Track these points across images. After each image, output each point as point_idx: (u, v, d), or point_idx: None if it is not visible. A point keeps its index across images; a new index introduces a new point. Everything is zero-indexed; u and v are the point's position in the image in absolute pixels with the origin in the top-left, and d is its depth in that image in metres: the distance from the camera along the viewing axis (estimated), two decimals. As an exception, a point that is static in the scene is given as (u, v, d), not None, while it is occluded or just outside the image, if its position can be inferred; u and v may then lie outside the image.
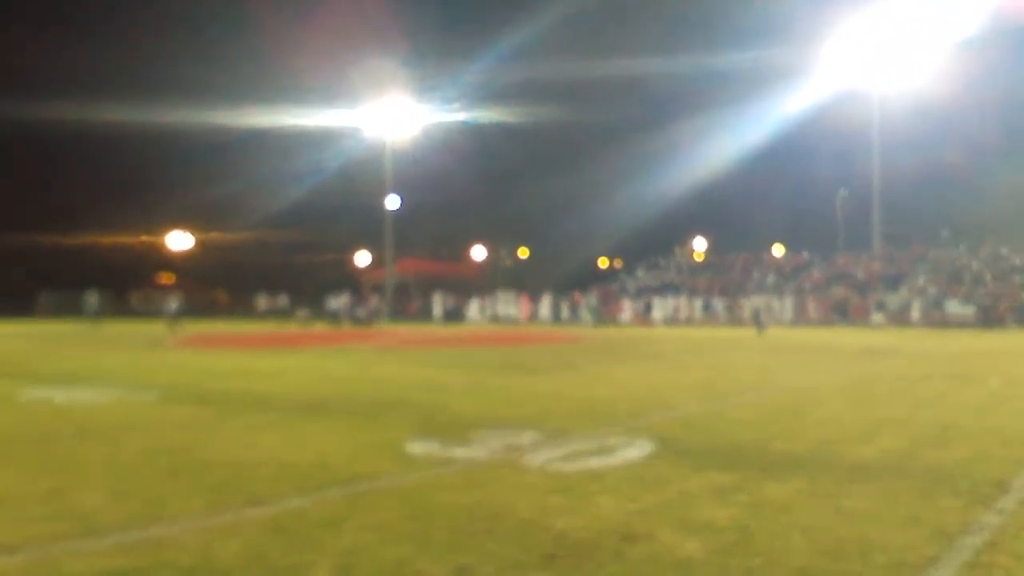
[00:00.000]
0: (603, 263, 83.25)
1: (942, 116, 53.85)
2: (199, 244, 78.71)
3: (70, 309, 50.31)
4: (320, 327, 39.46)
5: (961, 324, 37.17)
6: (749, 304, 40.51)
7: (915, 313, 39.31)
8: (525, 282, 47.73)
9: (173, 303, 36.97)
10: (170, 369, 15.70)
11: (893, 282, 45.91)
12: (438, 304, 46.18)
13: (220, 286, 40.37)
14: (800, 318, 42.07)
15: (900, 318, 39.76)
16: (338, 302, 43.77)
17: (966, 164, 57.37)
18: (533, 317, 46.33)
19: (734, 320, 42.28)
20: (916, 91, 48.71)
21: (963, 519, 4.69)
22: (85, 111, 58.46)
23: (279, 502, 5.12)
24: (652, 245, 64.38)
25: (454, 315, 47.59)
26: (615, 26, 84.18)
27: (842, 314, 41.21)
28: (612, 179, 74.67)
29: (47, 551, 4.16)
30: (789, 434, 7.65)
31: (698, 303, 44.88)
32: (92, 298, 41.00)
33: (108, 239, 74.36)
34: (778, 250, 61.70)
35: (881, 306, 41.60)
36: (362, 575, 3.80)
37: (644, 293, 49.62)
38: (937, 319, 38.81)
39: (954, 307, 39.14)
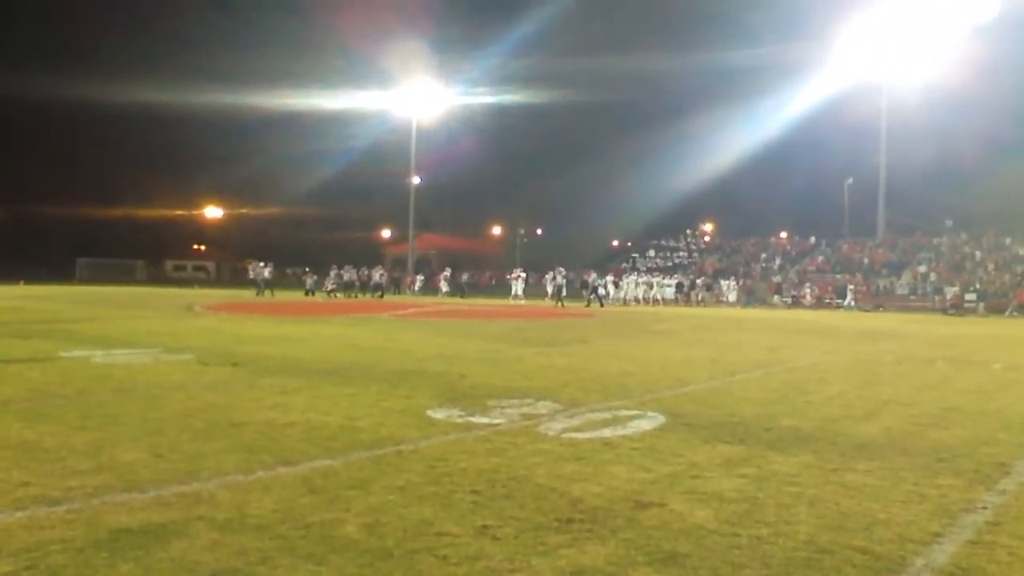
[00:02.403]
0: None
1: (950, 106, 53.07)
2: (231, 218, 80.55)
3: (107, 275, 51.39)
4: (342, 297, 40.08)
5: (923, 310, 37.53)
6: (590, 279, 40.18)
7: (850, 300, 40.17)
8: (541, 260, 47.64)
9: (264, 270, 40.78)
10: (203, 333, 16.04)
11: (896, 268, 46.01)
12: (518, 282, 45.57)
13: (250, 258, 41.51)
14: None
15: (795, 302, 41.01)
16: (349, 274, 44.30)
17: (973, 154, 56.77)
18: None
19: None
20: (925, 82, 48.26)
21: (965, 498, 4.82)
22: (127, 91, 60.60)
23: (309, 462, 5.34)
24: (663, 228, 64.59)
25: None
26: (633, 19, 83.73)
27: (842, 297, 41.32)
28: (628, 164, 74.75)
29: (88, 503, 4.34)
30: (795, 411, 7.83)
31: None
32: (258, 267, 42.63)
33: (146, 211, 76.75)
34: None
35: (780, 290, 42.40)
36: (388, 533, 3.97)
37: (653, 273, 49.83)
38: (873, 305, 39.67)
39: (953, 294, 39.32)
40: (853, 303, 39.47)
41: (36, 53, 78.77)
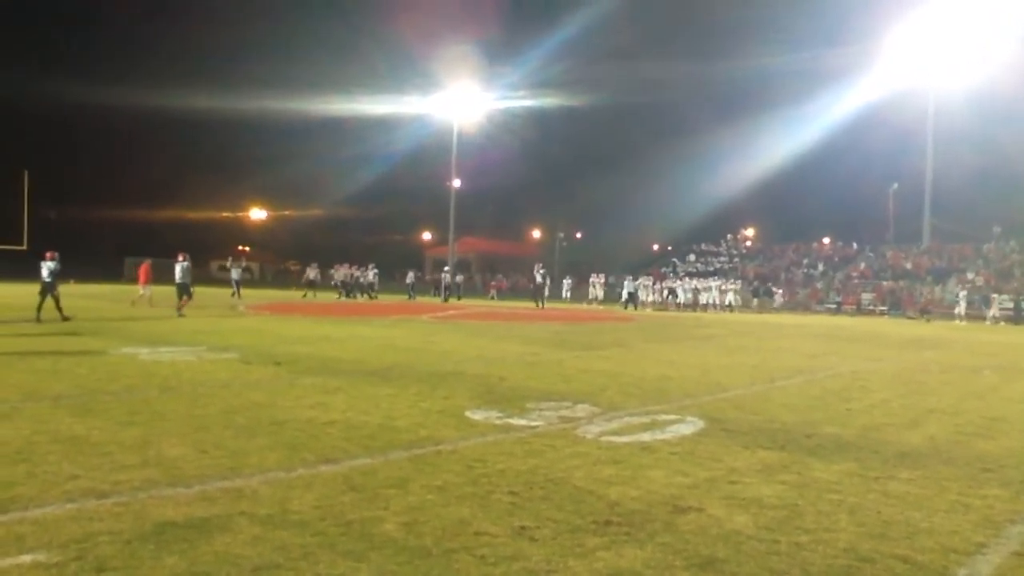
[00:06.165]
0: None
1: (998, 111, 51.81)
2: (275, 220, 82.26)
3: (154, 274, 52.38)
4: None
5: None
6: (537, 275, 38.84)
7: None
8: (581, 263, 47.20)
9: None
10: (246, 333, 16.28)
11: (942, 276, 45.18)
12: (572, 286, 44.63)
13: (292, 258, 41.61)
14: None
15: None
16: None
17: (1022, 160, 55.29)
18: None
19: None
20: (972, 86, 47.26)
21: (1011, 509, 4.74)
22: (174, 96, 62.50)
23: (349, 460, 5.41)
24: (704, 233, 64.17)
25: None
26: (675, 22, 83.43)
27: (894, 306, 40.68)
28: (669, 168, 74.32)
29: (135, 497, 4.45)
30: (837, 418, 7.73)
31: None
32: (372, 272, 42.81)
33: (192, 213, 78.94)
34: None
35: (758, 293, 42.95)
36: (427, 532, 4.01)
37: (694, 277, 49.33)
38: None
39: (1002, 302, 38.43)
40: (781, 301, 39.54)
41: (87, 59, 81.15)
